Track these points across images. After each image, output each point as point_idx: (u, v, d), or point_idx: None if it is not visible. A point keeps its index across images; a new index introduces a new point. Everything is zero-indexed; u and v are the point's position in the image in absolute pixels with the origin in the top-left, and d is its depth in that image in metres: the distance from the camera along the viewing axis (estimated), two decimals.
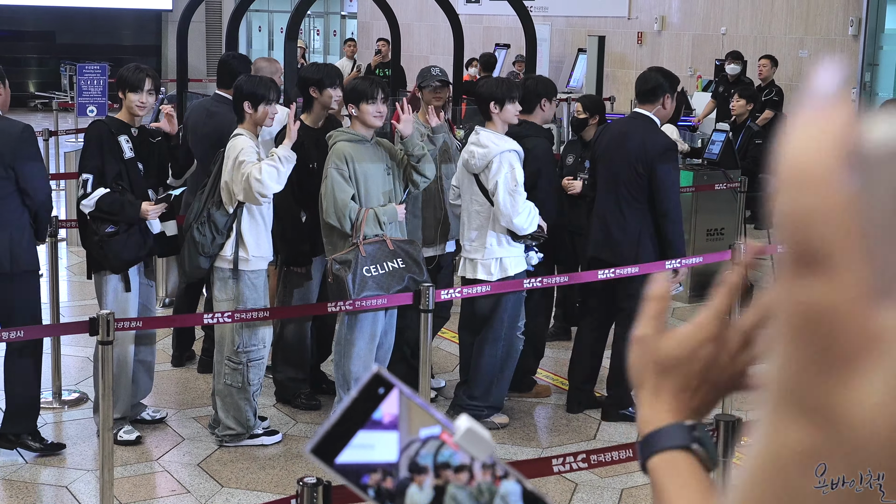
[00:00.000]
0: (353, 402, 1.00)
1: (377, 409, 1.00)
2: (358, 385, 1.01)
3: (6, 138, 5.65)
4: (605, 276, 6.10)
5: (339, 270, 5.64)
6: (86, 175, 5.69)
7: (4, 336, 4.92)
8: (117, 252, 5.70)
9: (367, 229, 5.70)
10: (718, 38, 16.04)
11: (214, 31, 24.44)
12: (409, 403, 1.01)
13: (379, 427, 1.00)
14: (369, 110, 5.76)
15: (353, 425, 1.00)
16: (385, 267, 5.70)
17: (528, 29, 9.68)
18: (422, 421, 1.01)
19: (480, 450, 1.00)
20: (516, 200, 5.87)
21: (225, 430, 5.90)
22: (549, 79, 7.00)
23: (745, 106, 10.10)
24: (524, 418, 6.49)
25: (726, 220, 9.09)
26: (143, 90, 5.77)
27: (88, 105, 13.89)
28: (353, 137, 5.79)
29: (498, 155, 5.89)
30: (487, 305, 6.14)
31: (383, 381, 1.01)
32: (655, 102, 6.28)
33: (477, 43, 19.52)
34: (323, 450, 1.00)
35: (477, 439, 1.00)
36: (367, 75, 6.37)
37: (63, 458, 5.81)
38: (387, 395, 1.01)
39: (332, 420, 1.00)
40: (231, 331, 5.79)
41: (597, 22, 18.12)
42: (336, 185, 5.66)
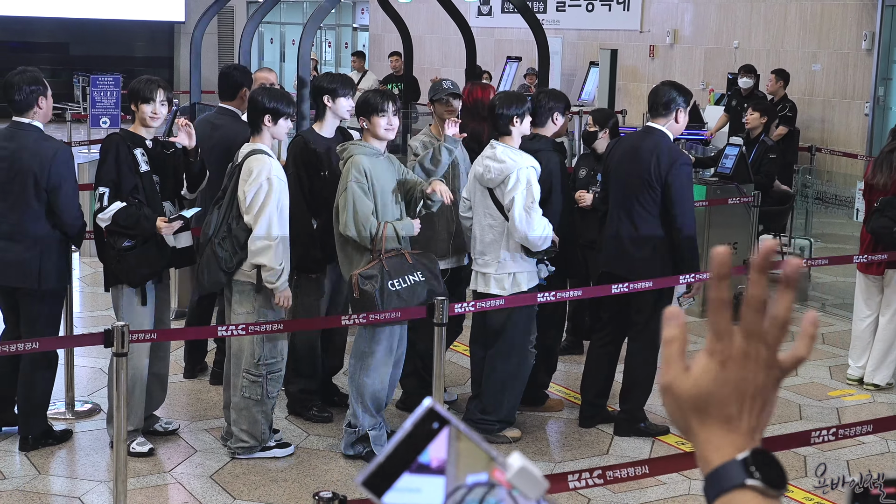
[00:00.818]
0: (406, 436, 1.00)
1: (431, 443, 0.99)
2: (412, 418, 1.00)
3: (42, 161, 5.68)
4: (618, 290, 6.09)
5: (367, 285, 5.64)
6: (102, 188, 5.71)
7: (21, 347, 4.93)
8: (134, 266, 5.72)
9: (386, 243, 5.71)
10: (731, 51, 16.03)
11: (227, 43, 24.53)
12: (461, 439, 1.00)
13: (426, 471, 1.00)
14: (380, 123, 5.78)
15: (405, 459, 0.99)
16: (407, 280, 5.71)
17: (541, 42, 9.69)
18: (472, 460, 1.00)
19: (533, 489, 0.99)
20: (532, 217, 5.86)
21: (237, 443, 5.90)
22: (562, 92, 7.01)
23: (759, 119, 10.08)
24: (536, 433, 6.49)
25: (739, 235, 9.08)
26: (155, 101, 5.79)
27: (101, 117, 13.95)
28: (368, 151, 5.80)
29: (516, 171, 5.89)
30: (499, 319, 6.13)
31: (437, 416, 1.00)
32: (668, 116, 6.28)
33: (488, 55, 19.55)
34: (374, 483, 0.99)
35: (530, 478, 0.99)
36: (378, 88, 6.37)
37: (76, 469, 5.83)
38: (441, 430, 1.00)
39: (384, 453, 0.99)
40: (251, 343, 5.79)
41: (609, 35, 18.13)
42: (357, 199, 5.66)
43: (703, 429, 1.13)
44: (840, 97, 14.77)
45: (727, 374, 1.12)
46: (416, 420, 1.00)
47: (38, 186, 5.69)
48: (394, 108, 5.83)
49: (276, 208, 5.64)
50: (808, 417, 6.89)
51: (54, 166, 5.70)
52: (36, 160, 5.70)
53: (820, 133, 14.82)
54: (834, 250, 10.92)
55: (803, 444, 4.68)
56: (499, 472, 0.99)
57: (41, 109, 5.82)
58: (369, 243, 5.70)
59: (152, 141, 5.90)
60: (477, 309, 6.01)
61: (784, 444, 4.39)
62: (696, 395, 1.13)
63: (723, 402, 1.12)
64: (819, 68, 14.97)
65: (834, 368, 7.83)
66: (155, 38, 25.41)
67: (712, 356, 1.13)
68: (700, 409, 1.13)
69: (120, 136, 5.85)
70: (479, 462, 0.99)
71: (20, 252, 5.76)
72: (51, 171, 5.68)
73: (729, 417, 1.12)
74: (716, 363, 1.13)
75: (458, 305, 5.75)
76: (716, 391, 1.12)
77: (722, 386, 1.12)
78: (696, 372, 1.13)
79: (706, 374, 1.13)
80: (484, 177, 6.02)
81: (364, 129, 5.86)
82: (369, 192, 5.71)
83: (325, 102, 6.29)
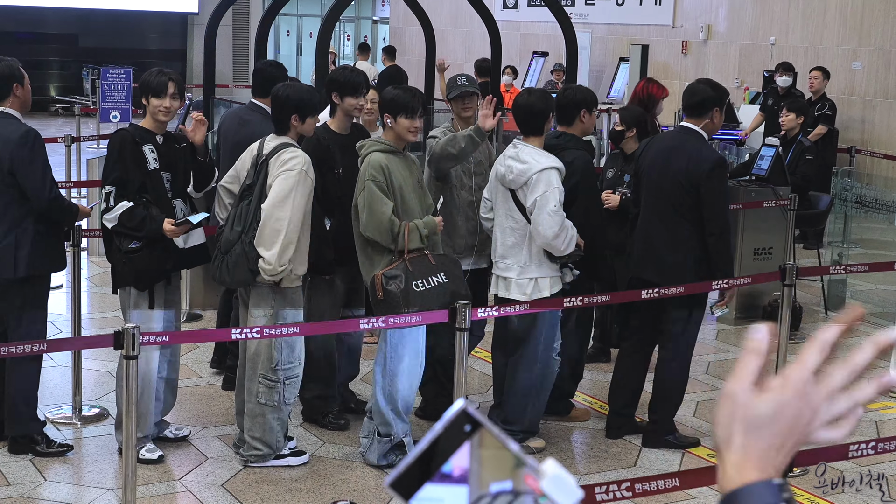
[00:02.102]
0: (437, 438, 1.00)
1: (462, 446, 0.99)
2: (443, 420, 1.00)
3: (4, 143, 5.77)
4: (648, 295, 6.08)
5: (392, 286, 5.64)
6: (108, 188, 5.74)
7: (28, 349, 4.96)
8: (141, 268, 5.73)
9: (409, 243, 5.71)
10: (767, 48, 15.99)
11: (242, 35, 24.61)
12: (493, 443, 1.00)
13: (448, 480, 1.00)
14: (407, 125, 5.79)
15: (435, 462, 0.99)
16: (431, 282, 5.71)
17: (569, 36, 9.69)
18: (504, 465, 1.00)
19: (566, 496, 0.99)
20: (555, 221, 5.86)
21: (250, 451, 5.91)
22: (590, 89, 7.00)
23: (795, 120, 10.05)
24: (561, 443, 6.48)
25: (775, 240, 9.05)
26: (166, 94, 5.80)
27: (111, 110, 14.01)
28: (387, 148, 5.81)
29: (538, 172, 5.89)
30: (523, 325, 6.13)
31: (470, 419, 1.00)
32: (704, 116, 6.25)
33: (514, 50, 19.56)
34: (402, 485, 0.99)
35: (563, 485, 0.99)
36: (408, 87, 6.35)
37: (82, 476, 5.85)
38: (474, 434, 1.00)
39: (413, 454, 0.99)
40: (269, 347, 5.79)
41: (639, 30, 18.11)
42: (376, 199, 5.67)
43: (744, 447, 1.15)
44: (881, 97, 14.70)
45: (791, 410, 1.15)
46: (447, 422, 1.00)
47: (4, 171, 5.78)
48: (421, 111, 5.85)
49: (302, 206, 5.65)
50: None
51: (15, 148, 5.77)
52: (1, 147, 5.79)
53: (860, 134, 14.76)
54: (874, 256, 10.86)
55: (841, 458, 4.65)
56: (532, 479, 0.99)
57: (18, 98, 5.93)
58: (392, 244, 5.71)
59: (163, 136, 5.91)
60: (501, 314, 6.00)
61: (821, 457, 4.37)
62: (757, 413, 1.16)
63: (776, 432, 1.15)
64: (860, 66, 14.90)
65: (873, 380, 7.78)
66: (167, 29, 25.54)
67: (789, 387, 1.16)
68: (752, 429, 1.15)
69: (128, 132, 5.87)
70: (510, 467, 1.00)
71: None
72: (12, 154, 5.77)
73: (770, 448, 1.15)
74: (788, 395, 1.16)
75: (482, 310, 5.74)
76: (777, 420, 1.15)
77: (783, 418, 1.15)
78: (768, 395, 1.16)
79: (775, 402, 1.16)
80: (506, 177, 6.02)
81: (387, 127, 5.86)
82: (389, 191, 5.72)
83: (334, 99, 6.32)
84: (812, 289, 10.09)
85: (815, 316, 9.42)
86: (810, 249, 11.26)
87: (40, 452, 5.97)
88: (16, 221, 5.84)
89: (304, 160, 5.66)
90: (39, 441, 6.01)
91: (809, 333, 8.84)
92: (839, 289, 9.76)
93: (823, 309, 9.59)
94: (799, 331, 8.69)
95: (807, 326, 8.98)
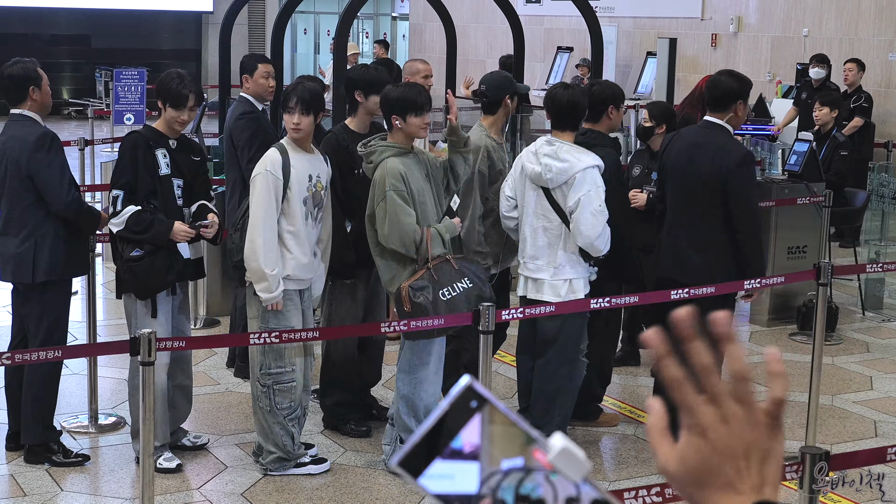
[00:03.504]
0: (443, 415, 1.02)
1: (469, 422, 1.02)
2: (449, 397, 1.02)
3: (22, 146, 5.83)
4: (677, 296, 6.07)
5: (420, 298, 5.65)
6: (116, 192, 5.79)
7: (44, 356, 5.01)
8: (142, 277, 5.77)
9: (433, 250, 5.73)
10: (800, 39, 15.93)
11: (258, 34, 24.71)
12: (500, 419, 1.03)
13: (458, 457, 1.03)
14: (417, 123, 5.78)
15: (443, 439, 1.02)
16: (456, 288, 5.72)
17: (594, 30, 9.69)
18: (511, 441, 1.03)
19: (575, 470, 1.01)
20: (600, 221, 5.85)
21: (268, 457, 5.95)
22: (617, 84, 7.00)
23: (829, 114, 10.02)
24: (589, 449, 6.48)
25: (809, 238, 9.03)
26: (185, 107, 5.85)
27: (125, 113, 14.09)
28: (399, 151, 5.80)
29: (581, 171, 5.89)
30: (551, 327, 6.13)
31: (476, 395, 1.03)
32: (727, 110, 6.25)
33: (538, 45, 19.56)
34: (410, 463, 1.02)
35: (572, 459, 1.01)
36: (409, 83, 6.37)
37: (99, 485, 5.90)
38: (480, 409, 1.02)
39: (420, 432, 1.02)
40: (259, 351, 5.84)
41: (667, 23, 18.08)
42: (399, 209, 5.66)
43: (707, 499, 1.18)
44: None
45: (711, 443, 1.17)
46: (453, 399, 1.02)
47: (23, 175, 5.84)
48: (429, 106, 5.86)
49: (262, 203, 5.67)
50: (884, 434, 6.84)
51: (31, 152, 5.83)
52: (18, 150, 5.86)
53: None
54: None
55: (879, 461, 4.64)
56: (540, 454, 1.02)
57: (35, 101, 5.98)
58: (415, 253, 5.72)
59: (177, 141, 5.95)
60: (527, 316, 6.01)
61: (859, 461, 4.37)
62: (686, 471, 1.18)
63: (715, 471, 1.17)
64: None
65: None
66: (182, 29, 25.65)
67: (691, 431, 1.18)
68: (697, 483, 1.18)
69: (141, 135, 5.90)
70: (519, 443, 1.02)
71: (15, 247, 5.90)
72: (29, 157, 5.83)
73: (728, 483, 1.17)
74: (696, 436, 1.18)
75: (506, 312, 5.76)
76: (705, 463, 1.17)
77: (710, 456, 1.17)
78: (681, 450, 1.19)
79: (690, 449, 1.18)
80: (542, 176, 6.00)
81: (395, 127, 5.82)
82: (409, 199, 5.72)
83: (357, 98, 6.34)
84: (848, 288, 10.06)
85: (851, 317, 9.39)
86: (846, 247, 11.23)
87: (56, 462, 6.02)
88: (35, 226, 5.89)
89: (267, 161, 5.70)
90: (56, 451, 6.06)
91: (846, 335, 8.82)
92: (876, 288, 9.72)
93: (860, 309, 9.55)
94: (835, 332, 8.67)
95: (843, 328, 8.96)
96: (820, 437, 6.37)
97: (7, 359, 5.04)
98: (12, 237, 5.93)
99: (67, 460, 6.04)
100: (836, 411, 7.18)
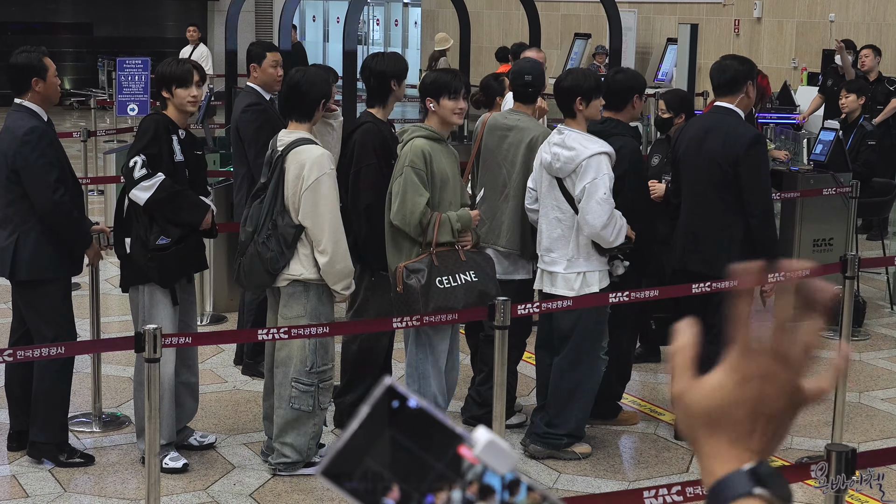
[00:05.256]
0: (365, 419, 1.03)
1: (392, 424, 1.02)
2: (370, 400, 1.03)
3: (12, 138, 5.83)
4: (699, 289, 6.07)
5: (412, 279, 5.68)
6: (135, 158, 5.72)
7: (45, 353, 5.03)
8: (169, 266, 5.76)
9: (439, 236, 5.75)
10: (826, 25, 15.89)
11: (265, 21, 24.74)
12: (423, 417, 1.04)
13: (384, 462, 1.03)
14: (451, 106, 5.83)
15: (366, 444, 1.02)
16: (457, 279, 5.74)
17: (613, 17, 9.70)
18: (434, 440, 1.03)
19: (502, 463, 1.02)
20: (605, 210, 5.86)
21: (279, 458, 5.96)
22: (639, 72, 7.02)
23: (856, 101, 9.99)
24: (608, 448, 6.49)
25: (835, 230, 9.01)
26: (192, 83, 5.87)
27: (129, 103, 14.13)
28: (430, 135, 5.85)
29: (587, 158, 5.90)
30: (567, 322, 6.13)
31: (397, 395, 1.03)
32: (737, 92, 6.27)
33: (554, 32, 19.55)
34: (335, 471, 1.02)
35: (498, 452, 1.02)
36: (450, 68, 6.43)
37: (104, 486, 5.93)
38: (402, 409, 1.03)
39: (343, 439, 1.02)
40: (302, 349, 5.78)
41: (688, 9, 18.05)
42: (411, 187, 5.72)
43: (711, 442, 1.18)
44: None
45: (745, 393, 1.16)
46: (374, 401, 1.03)
47: (7, 167, 5.84)
48: (465, 91, 5.88)
49: (336, 204, 5.69)
50: None
51: (18, 146, 5.81)
52: (8, 142, 5.86)
53: None
54: None
55: None
56: (465, 449, 1.03)
57: (38, 92, 5.96)
58: (419, 236, 5.74)
59: (184, 131, 5.98)
60: (543, 310, 6.01)
61: (886, 459, 4.37)
62: (707, 408, 1.18)
63: (736, 420, 1.17)
64: None
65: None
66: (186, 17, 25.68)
67: (732, 372, 1.17)
68: (710, 424, 1.18)
69: (162, 117, 5.91)
70: (444, 440, 1.03)
71: (2, 240, 5.91)
72: (15, 151, 5.81)
73: (739, 436, 1.17)
74: (734, 380, 1.17)
75: (521, 306, 5.76)
76: (730, 408, 1.17)
77: (737, 404, 1.17)
78: (710, 385, 1.18)
79: (721, 390, 1.17)
80: (552, 165, 6.02)
81: (430, 112, 5.91)
82: (427, 180, 5.75)
83: (392, 87, 6.38)
84: (876, 282, 10.04)
85: (879, 311, 9.37)
86: (874, 240, 11.20)
87: (61, 462, 6.04)
88: (19, 222, 5.87)
89: (324, 160, 5.67)
90: (64, 450, 6.08)
91: (873, 330, 8.81)
92: None
93: (888, 303, 9.53)
94: (862, 327, 8.65)
95: (871, 322, 8.94)
96: (847, 435, 6.36)
97: (9, 355, 5.06)
98: (2, 230, 5.95)
99: (73, 460, 6.07)
100: (864, 409, 7.17)
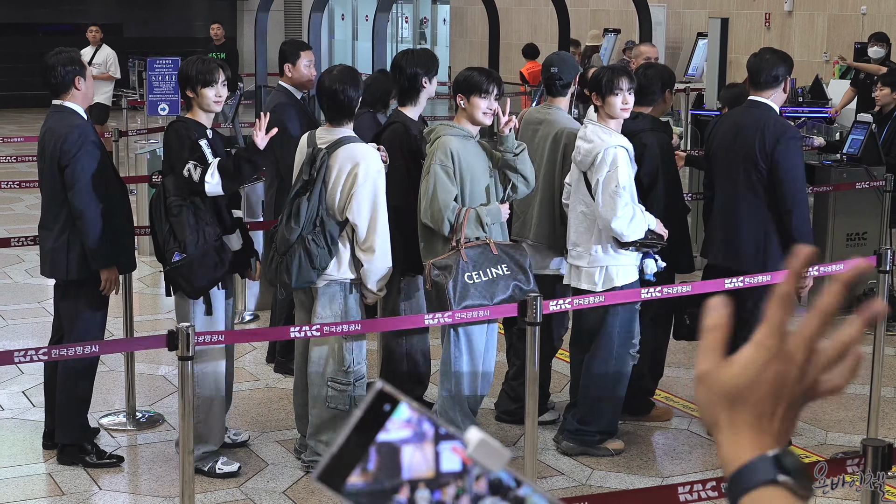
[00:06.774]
0: (358, 423, 1.04)
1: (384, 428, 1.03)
2: (362, 405, 1.04)
3: (57, 139, 5.86)
4: (732, 285, 6.05)
5: (439, 276, 5.68)
6: (186, 167, 5.68)
7: (80, 351, 5.06)
8: (191, 279, 5.75)
9: (468, 231, 5.75)
10: (858, 17, 15.79)
11: (294, 20, 24.80)
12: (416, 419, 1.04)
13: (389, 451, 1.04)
14: (481, 105, 5.82)
15: (360, 448, 1.03)
16: (488, 273, 5.73)
17: (642, 11, 9.68)
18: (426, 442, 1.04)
19: (494, 462, 1.03)
20: (615, 202, 5.85)
21: (312, 456, 5.98)
22: (668, 67, 7.03)
23: (890, 94, 9.92)
24: (641, 444, 6.48)
25: (869, 224, 8.96)
26: (217, 82, 5.86)
27: (160, 103, 14.20)
28: (459, 133, 5.85)
29: (602, 151, 5.91)
30: (595, 319, 6.13)
31: (389, 398, 1.04)
32: (772, 88, 6.25)
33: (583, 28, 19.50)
34: (330, 477, 1.03)
35: (490, 451, 1.04)
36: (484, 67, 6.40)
37: (138, 484, 5.97)
38: (393, 413, 1.04)
39: (337, 444, 1.03)
40: (339, 349, 5.77)
41: (718, 2, 17.97)
42: (439, 184, 5.72)
43: (732, 424, 1.18)
44: None
45: (770, 373, 1.16)
46: (366, 405, 1.04)
47: (55, 168, 5.87)
48: (497, 92, 5.87)
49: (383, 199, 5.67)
50: None
51: (65, 145, 5.83)
52: (54, 143, 5.88)
53: None
54: None
55: None
56: (457, 449, 1.04)
57: (79, 91, 5.98)
58: (448, 232, 5.74)
59: (212, 130, 5.99)
60: (574, 306, 6.01)
61: None
62: (734, 386, 1.17)
63: (759, 398, 1.17)
64: None
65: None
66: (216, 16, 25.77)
67: (761, 349, 1.17)
68: (734, 402, 1.17)
69: (183, 125, 5.89)
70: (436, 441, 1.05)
71: (52, 241, 5.96)
72: (61, 151, 5.83)
73: (761, 416, 1.17)
74: (762, 358, 1.17)
75: (553, 302, 5.76)
76: (755, 385, 1.17)
77: (762, 382, 1.17)
78: (740, 363, 1.18)
79: (750, 367, 1.17)
80: (575, 158, 6.06)
81: (460, 109, 5.91)
82: (455, 178, 5.75)
83: (423, 84, 6.40)
84: None
85: None
86: None
87: (90, 464, 6.06)
88: (68, 221, 5.93)
89: (371, 155, 5.67)
90: (90, 451, 6.11)
91: None
92: None
93: None
94: None
95: None
96: (882, 430, 6.33)
97: (44, 354, 5.10)
98: (49, 231, 5.99)
99: (101, 461, 6.09)
100: None
